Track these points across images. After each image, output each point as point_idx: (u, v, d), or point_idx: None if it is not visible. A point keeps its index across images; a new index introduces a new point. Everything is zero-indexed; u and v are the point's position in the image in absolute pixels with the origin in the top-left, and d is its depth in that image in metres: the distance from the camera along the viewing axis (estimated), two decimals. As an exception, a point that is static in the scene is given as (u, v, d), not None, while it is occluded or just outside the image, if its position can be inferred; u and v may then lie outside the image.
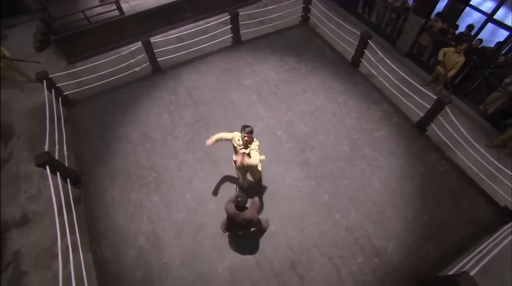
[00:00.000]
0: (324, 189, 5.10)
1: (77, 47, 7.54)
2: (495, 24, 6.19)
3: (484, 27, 6.27)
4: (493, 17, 6.11)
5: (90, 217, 4.92)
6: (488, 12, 6.09)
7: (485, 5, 9.08)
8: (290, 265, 4.42)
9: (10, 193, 5.71)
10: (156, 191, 5.14)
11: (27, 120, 6.80)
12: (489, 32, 7.09)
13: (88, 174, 5.38)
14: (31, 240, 5.11)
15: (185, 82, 6.67)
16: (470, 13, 7.35)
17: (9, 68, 6.87)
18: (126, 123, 6.02)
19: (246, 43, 7.52)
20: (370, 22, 8.14)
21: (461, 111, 6.51)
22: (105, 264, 4.50)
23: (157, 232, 4.74)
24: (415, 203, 4.98)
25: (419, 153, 5.54)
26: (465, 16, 7.33)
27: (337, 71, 6.84)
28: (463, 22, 6.94)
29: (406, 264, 4.45)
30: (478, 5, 6.78)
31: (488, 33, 6.95)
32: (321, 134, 5.75)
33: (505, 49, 6.09)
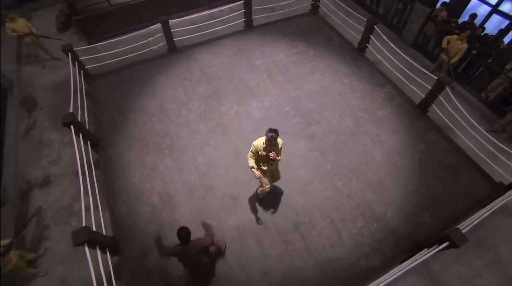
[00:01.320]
0: (328, 159, 5.39)
1: (97, 28, 7.95)
2: (499, 15, 6.45)
3: (489, 18, 6.54)
4: (497, 8, 6.39)
5: (107, 177, 5.27)
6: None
7: None
8: (293, 225, 4.71)
9: (34, 157, 6.11)
10: (169, 156, 5.48)
11: (49, 94, 7.23)
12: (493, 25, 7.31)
13: (106, 139, 5.75)
14: (52, 199, 5.47)
15: (199, 61, 7.04)
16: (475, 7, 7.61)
17: (34, 44, 7.29)
18: (143, 96, 6.40)
19: (258, 28, 7.88)
20: (378, 13, 8.43)
21: (464, 99, 6.74)
22: (121, 218, 4.83)
23: (169, 192, 5.07)
24: (414, 175, 5.24)
25: (419, 131, 5.80)
26: (471, 9, 7.58)
27: (344, 55, 7.15)
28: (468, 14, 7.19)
29: (403, 229, 4.70)
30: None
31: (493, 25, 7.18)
32: (327, 111, 6.05)
33: (508, 39, 6.34)
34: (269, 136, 3.62)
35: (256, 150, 3.92)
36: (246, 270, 4.34)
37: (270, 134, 3.62)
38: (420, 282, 4.64)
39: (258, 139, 3.91)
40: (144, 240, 4.62)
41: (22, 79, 7.51)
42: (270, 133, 3.62)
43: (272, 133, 3.61)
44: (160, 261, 4.37)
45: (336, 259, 4.42)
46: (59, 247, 5.05)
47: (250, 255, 4.47)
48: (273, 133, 3.62)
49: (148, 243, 4.58)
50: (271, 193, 4.70)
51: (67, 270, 4.82)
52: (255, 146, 3.90)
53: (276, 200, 4.95)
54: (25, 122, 6.67)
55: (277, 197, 4.98)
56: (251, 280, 4.26)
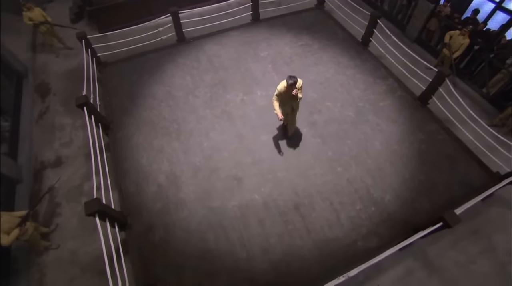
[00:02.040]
0: (329, 146, 5.57)
1: (109, 19, 8.22)
2: (503, 12, 6.57)
3: (492, 15, 6.67)
4: (501, 5, 6.51)
5: (117, 157, 5.51)
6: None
7: None
8: (293, 206, 4.90)
9: (47, 139, 6.39)
10: (176, 139, 5.71)
11: (62, 81, 7.52)
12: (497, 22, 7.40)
13: (116, 122, 5.99)
14: (63, 179, 5.74)
15: (207, 51, 7.27)
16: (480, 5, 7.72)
17: (49, 33, 7.59)
18: (152, 83, 6.64)
19: (264, 21, 8.08)
20: (383, 9, 8.59)
21: (465, 93, 6.87)
22: (129, 196, 5.06)
23: (175, 172, 5.29)
24: (412, 163, 5.39)
25: (419, 122, 5.94)
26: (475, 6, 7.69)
27: (348, 49, 7.31)
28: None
29: (400, 213, 4.86)
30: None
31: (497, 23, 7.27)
32: (329, 101, 6.23)
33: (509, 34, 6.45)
34: (290, 83, 4.30)
35: (280, 92, 4.56)
36: (247, 247, 4.54)
37: (290, 81, 4.29)
38: (416, 266, 4.80)
39: (281, 83, 4.52)
40: (150, 216, 4.85)
41: (37, 67, 7.82)
42: (290, 81, 4.29)
43: (292, 80, 4.29)
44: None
45: (334, 239, 4.60)
46: (70, 223, 5.31)
47: (252, 233, 4.66)
48: (292, 79, 4.29)
49: (153, 220, 4.81)
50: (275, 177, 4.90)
51: (77, 244, 5.07)
52: (279, 89, 4.55)
53: (278, 182, 5.14)
54: (39, 107, 6.96)
55: (279, 180, 5.17)
56: (251, 257, 4.45)
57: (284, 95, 4.58)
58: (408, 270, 4.73)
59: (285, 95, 4.56)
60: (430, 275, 4.71)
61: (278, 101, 4.67)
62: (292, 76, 4.30)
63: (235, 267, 4.37)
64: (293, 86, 4.33)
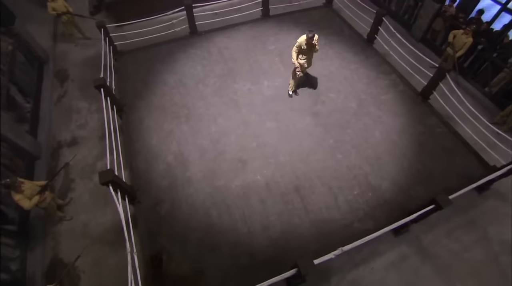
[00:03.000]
0: (330, 135, 5.81)
1: (125, 11, 8.58)
2: (508, 13, 6.73)
3: (498, 15, 6.84)
4: (506, 6, 6.68)
5: (129, 138, 5.84)
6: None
7: None
8: (294, 188, 5.15)
9: (64, 121, 6.78)
10: (185, 123, 6.02)
11: (80, 68, 7.94)
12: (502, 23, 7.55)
13: (129, 106, 6.34)
14: (78, 157, 6.07)
15: (218, 43, 7.60)
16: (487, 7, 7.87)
17: (70, 23, 8.04)
18: (164, 71, 6.99)
19: (274, 17, 8.39)
20: (390, 9, 8.80)
21: (467, 92, 7.03)
22: (139, 173, 5.39)
23: (183, 153, 5.60)
24: (410, 153, 5.59)
25: (419, 115, 6.14)
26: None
27: (353, 45, 7.56)
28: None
29: (396, 200, 5.06)
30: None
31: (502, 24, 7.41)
32: (332, 93, 6.47)
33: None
34: (310, 36, 5.33)
35: (300, 45, 5.58)
36: (248, 224, 4.80)
37: (310, 34, 5.34)
38: (410, 252, 4.98)
39: (300, 37, 5.55)
40: (158, 192, 5.15)
41: (57, 54, 8.26)
42: (310, 34, 5.33)
43: (311, 33, 5.33)
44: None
45: (331, 220, 4.83)
46: (83, 198, 5.66)
47: (253, 211, 4.92)
48: (312, 33, 5.33)
49: (161, 195, 5.12)
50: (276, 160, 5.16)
51: (89, 217, 5.41)
52: (299, 42, 5.56)
53: (280, 165, 5.40)
54: (58, 91, 7.37)
55: (281, 163, 5.43)
56: (252, 232, 4.71)
57: (304, 47, 5.59)
58: (402, 256, 4.92)
59: (305, 46, 5.57)
60: (423, 261, 4.88)
61: (296, 52, 5.68)
62: (311, 30, 5.36)
63: (236, 242, 4.64)
64: (312, 38, 5.36)
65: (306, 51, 5.69)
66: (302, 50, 5.67)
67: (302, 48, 5.63)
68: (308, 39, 5.42)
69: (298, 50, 5.68)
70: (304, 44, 5.55)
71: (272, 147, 5.67)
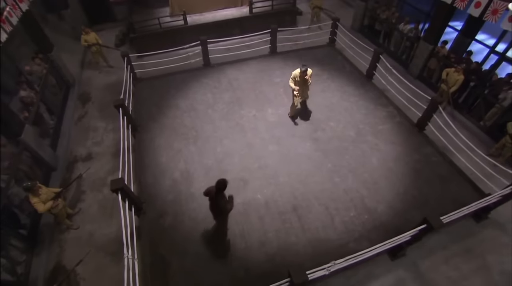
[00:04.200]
0: (329, 159, 6.10)
1: (147, 44, 9.56)
2: (495, 55, 7.28)
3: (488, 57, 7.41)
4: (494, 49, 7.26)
5: (140, 154, 6.27)
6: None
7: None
8: (292, 207, 5.35)
9: (81, 138, 7.33)
10: (193, 144, 6.44)
11: (101, 92, 8.70)
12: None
13: (143, 126, 6.87)
14: (90, 171, 6.49)
15: (228, 75, 8.29)
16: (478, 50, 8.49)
17: (97, 53, 8.99)
18: (177, 96, 7.61)
19: (280, 54, 9.17)
20: (389, 50, 9.52)
21: (463, 126, 7.34)
22: (147, 187, 5.71)
23: (189, 170, 5.95)
24: (407, 180, 5.79)
25: (415, 145, 6.42)
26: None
27: (353, 80, 8.13)
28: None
29: (392, 222, 5.18)
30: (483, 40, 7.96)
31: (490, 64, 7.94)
32: (332, 122, 6.88)
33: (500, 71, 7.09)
34: (303, 69, 5.82)
35: (294, 77, 6.06)
36: (246, 239, 4.96)
37: (303, 68, 5.83)
38: (408, 277, 4.98)
39: (295, 70, 6.05)
40: (162, 206, 5.43)
41: (82, 79, 9.13)
42: (303, 68, 5.82)
43: (304, 67, 5.82)
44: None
45: (327, 240, 4.95)
46: (91, 209, 5.97)
47: (252, 227, 5.11)
48: (304, 67, 5.82)
49: (165, 208, 5.38)
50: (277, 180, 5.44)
51: (95, 228, 5.66)
52: (294, 74, 6.06)
53: (280, 186, 5.66)
54: (79, 111, 8.04)
55: (280, 184, 5.69)
56: (249, 247, 4.86)
57: (298, 79, 6.07)
58: (399, 280, 4.91)
59: (299, 79, 6.05)
60: (421, 287, 4.86)
61: (292, 82, 6.20)
62: (304, 64, 5.83)
63: (234, 256, 4.78)
64: (305, 72, 5.79)
65: (300, 83, 6.15)
66: (296, 82, 6.16)
67: (296, 80, 6.12)
68: (301, 72, 5.88)
69: (294, 81, 6.18)
70: (297, 76, 6.03)
71: (273, 169, 5.97)
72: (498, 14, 5.87)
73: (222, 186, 4.16)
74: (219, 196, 4.22)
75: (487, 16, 6.09)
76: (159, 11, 10.43)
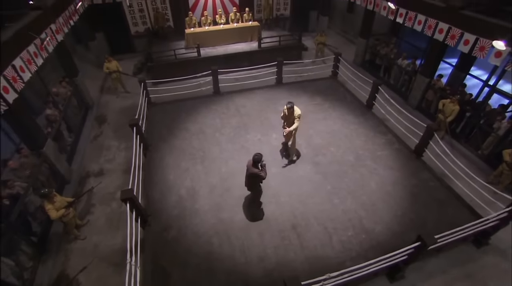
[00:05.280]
0: (329, 182, 6.33)
1: (162, 73, 10.35)
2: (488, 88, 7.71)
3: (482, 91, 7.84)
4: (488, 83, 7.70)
5: (149, 171, 6.63)
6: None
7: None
8: (291, 226, 5.51)
9: (95, 155, 7.80)
10: (200, 164, 6.79)
11: (117, 115, 9.33)
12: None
13: (154, 146, 7.30)
14: (101, 185, 6.84)
15: (236, 102, 8.86)
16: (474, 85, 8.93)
17: (117, 79, 9.78)
18: (188, 120, 8.13)
19: (286, 84, 9.79)
20: (389, 83, 10.07)
21: (462, 154, 7.58)
22: (154, 202, 5.99)
23: (195, 188, 6.23)
24: (404, 203, 5.93)
25: (413, 170, 6.63)
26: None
27: (354, 109, 8.56)
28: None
29: (389, 243, 5.24)
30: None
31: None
32: (333, 147, 7.20)
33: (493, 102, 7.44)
34: (288, 106, 5.83)
35: (284, 112, 6.16)
36: (246, 254, 5.09)
37: (288, 105, 5.83)
38: (407, 301, 4.97)
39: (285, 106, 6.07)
40: (167, 220, 5.65)
41: (101, 103, 9.85)
42: (288, 105, 5.82)
43: (289, 104, 5.80)
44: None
45: (325, 257, 5.04)
46: (99, 221, 6.24)
47: (252, 243, 5.25)
48: (290, 104, 5.79)
49: (169, 222, 5.60)
50: (277, 200, 5.68)
51: (101, 239, 5.90)
52: (283, 110, 6.17)
53: (280, 205, 5.86)
54: (95, 131, 8.61)
55: (281, 203, 5.89)
56: (248, 262, 4.97)
57: (285, 115, 6.18)
58: (398, 303, 4.90)
59: (286, 115, 6.15)
60: (421, 311, 4.83)
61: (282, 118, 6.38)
62: (290, 102, 5.82)
63: (233, 270, 4.88)
64: (290, 109, 5.80)
65: (285, 117, 6.23)
66: (284, 115, 6.26)
67: (284, 113, 6.18)
68: (287, 109, 5.94)
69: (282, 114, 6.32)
70: (285, 110, 6.14)
71: (274, 189, 6.21)
72: (485, 51, 6.37)
73: (257, 157, 4.98)
74: (255, 167, 5.06)
75: (475, 52, 6.60)
76: (175, 44, 11.43)
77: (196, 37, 11.19)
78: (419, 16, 8.02)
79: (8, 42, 5.13)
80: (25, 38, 5.69)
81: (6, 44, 5.04)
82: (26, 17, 6.10)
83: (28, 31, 5.75)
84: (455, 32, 7.05)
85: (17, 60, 5.27)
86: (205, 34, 11.45)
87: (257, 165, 5.06)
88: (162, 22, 12.41)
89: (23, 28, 5.70)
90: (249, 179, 5.27)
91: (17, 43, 5.42)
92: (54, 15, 7.15)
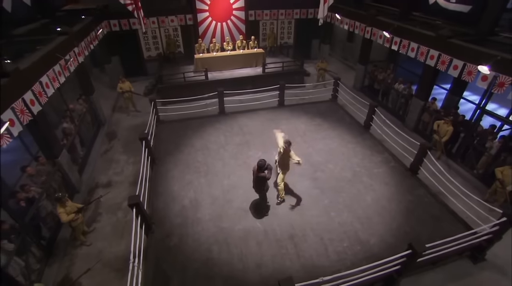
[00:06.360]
0: (326, 196, 6.58)
1: (171, 94, 10.98)
2: (480, 110, 8.09)
3: (476, 113, 8.21)
4: (480, 106, 8.08)
5: (154, 183, 6.98)
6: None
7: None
8: (288, 236, 5.71)
9: (104, 168, 8.22)
10: (204, 177, 7.14)
11: (126, 131, 9.87)
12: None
13: (160, 159, 7.71)
14: (109, 196, 7.18)
15: (240, 122, 9.36)
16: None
17: (129, 99, 10.45)
18: (194, 137, 8.59)
19: (287, 107, 10.32)
20: (387, 106, 10.52)
21: (458, 173, 7.79)
22: (158, 210, 6.29)
23: (197, 198, 6.53)
24: (399, 217, 6.11)
25: (409, 187, 6.85)
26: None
27: (352, 130, 8.96)
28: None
29: (384, 254, 5.32)
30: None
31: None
32: (331, 164, 7.51)
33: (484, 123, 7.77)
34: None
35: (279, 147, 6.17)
36: (244, 261, 5.28)
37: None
38: (402, 315, 5.02)
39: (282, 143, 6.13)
40: (170, 227, 5.91)
41: (112, 120, 10.44)
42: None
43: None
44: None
45: (320, 266, 5.19)
46: (104, 229, 6.51)
47: (250, 251, 5.44)
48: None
49: (172, 230, 5.86)
50: (276, 211, 5.95)
51: (105, 246, 6.14)
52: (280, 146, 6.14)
53: (279, 216, 6.10)
54: (106, 146, 9.10)
55: (279, 215, 6.13)
56: (246, 269, 5.15)
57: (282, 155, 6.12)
58: (392, 315, 4.96)
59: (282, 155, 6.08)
60: (417, 324, 4.87)
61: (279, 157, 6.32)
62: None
63: (230, 275, 5.06)
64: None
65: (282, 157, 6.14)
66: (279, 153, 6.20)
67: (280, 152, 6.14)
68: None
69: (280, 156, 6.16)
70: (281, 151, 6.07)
71: (274, 201, 6.46)
72: (472, 75, 6.83)
73: (261, 163, 5.41)
74: (260, 171, 5.48)
75: (464, 77, 7.06)
76: (184, 68, 12.23)
77: (204, 62, 11.99)
78: (412, 44, 8.62)
79: (37, 62, 5.76)
80: (52, 59, 6.35)
81: (35, 64, 5.67)
82: (54, 41, 6.82)
83: (55, 53, 6.43)
84: (445, 58, 7.57)
85: (44, 77, 5.88)
86: (213, 59, 12.26)
87: (262, 170, 5.47)
88: (173, 47, 13.36)
89: (51, 51, 6.39)
90: (256, 181, 5.71)
91: (45, 63, 6.06)
92: (78, 39, 7.93)
